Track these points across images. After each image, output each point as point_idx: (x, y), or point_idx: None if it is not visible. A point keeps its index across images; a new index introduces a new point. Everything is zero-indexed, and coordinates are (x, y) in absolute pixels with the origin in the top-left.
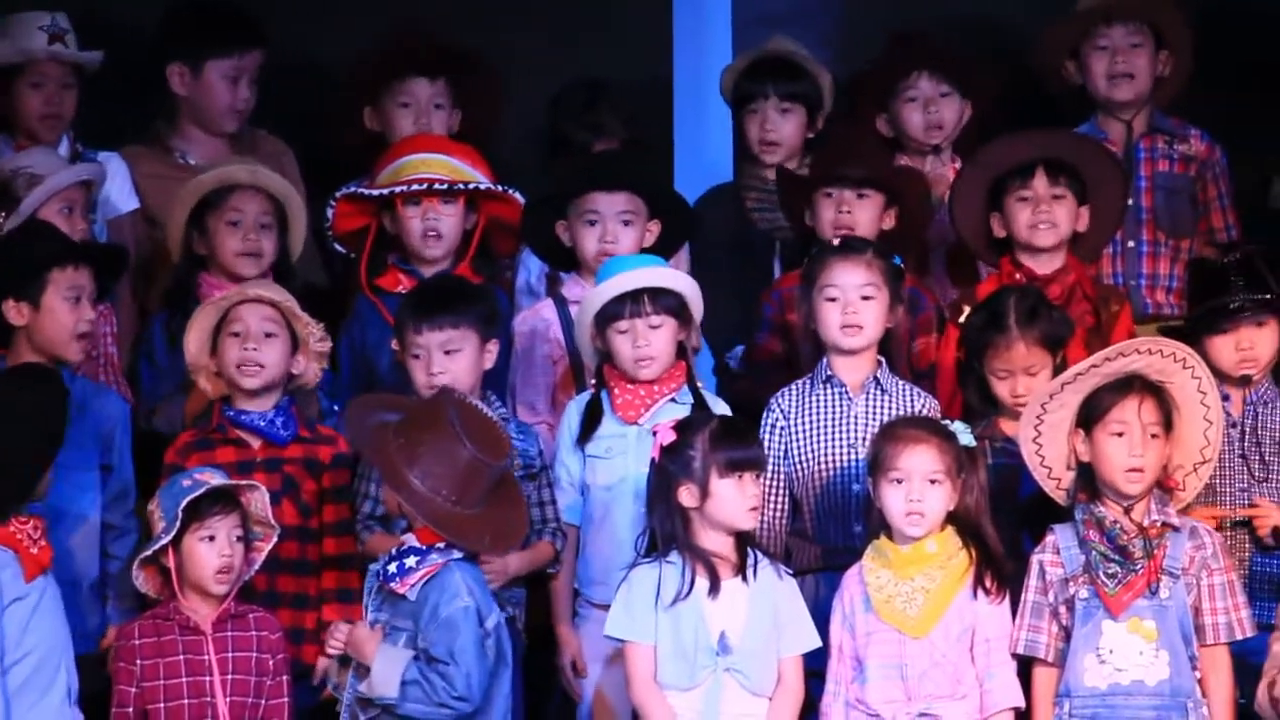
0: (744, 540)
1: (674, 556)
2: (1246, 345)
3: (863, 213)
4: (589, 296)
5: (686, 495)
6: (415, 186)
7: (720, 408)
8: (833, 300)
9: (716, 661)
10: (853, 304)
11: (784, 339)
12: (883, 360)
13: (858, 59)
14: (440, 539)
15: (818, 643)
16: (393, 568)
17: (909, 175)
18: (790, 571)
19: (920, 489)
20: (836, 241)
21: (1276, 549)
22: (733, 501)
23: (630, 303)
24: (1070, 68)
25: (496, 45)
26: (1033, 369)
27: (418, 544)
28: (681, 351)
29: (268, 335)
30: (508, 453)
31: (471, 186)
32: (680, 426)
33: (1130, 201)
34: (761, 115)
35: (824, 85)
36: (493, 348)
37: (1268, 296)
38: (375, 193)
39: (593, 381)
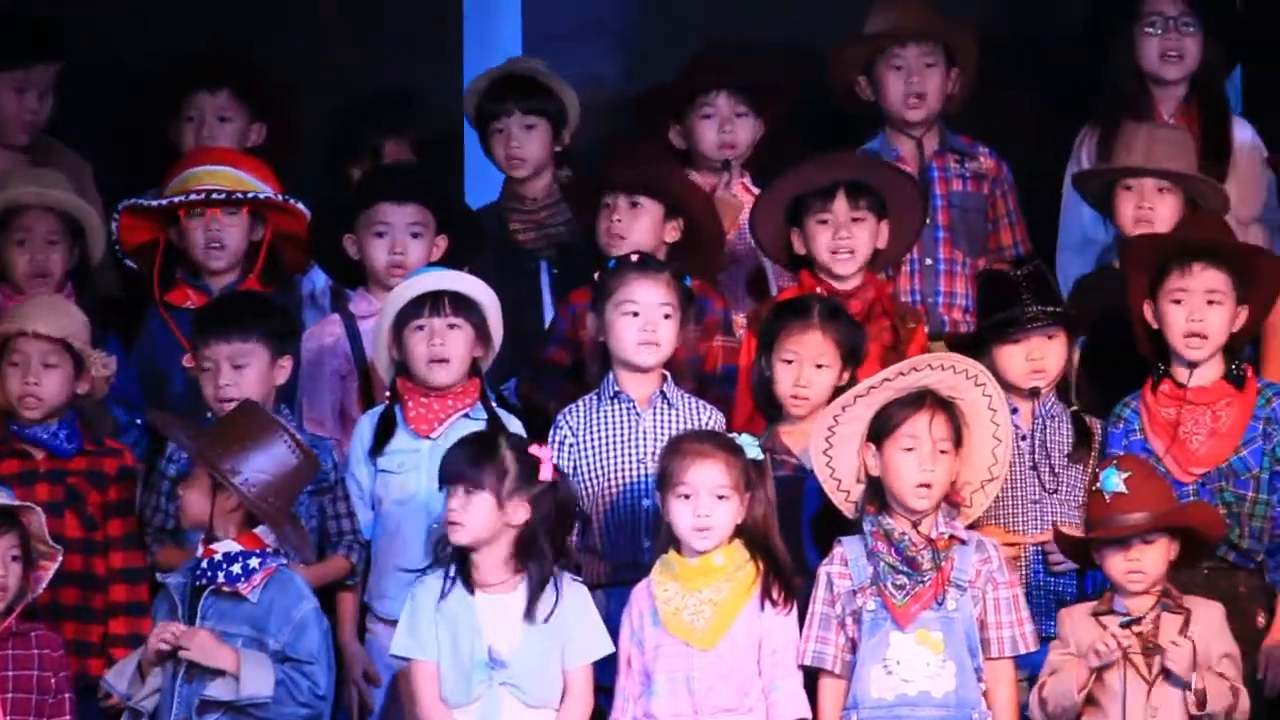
0: (525, 554)
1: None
2: (1037, 356)
3: (636, 221)
4: (390, 298)
5: None
6: (195, 197)
7: (514, 425)
8: (632, 315)
9: (491, 676)
10: (653, 321)
11: (573, 352)
12: (668, 375)
13: (649, 74)
14: (263, 544)
15: (609, 649)
16: (236, 569)
17: (682, 183)
18: (579, 580)
19: (708, 503)
20: (616, 252)
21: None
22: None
23: (430, 303)
24: (863, 83)
25: (292, 57)
26: (821, 362)
27: (241, 549)
28: (476, 368)
29: (48, 365)
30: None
31: (251, 196)
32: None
33: (927, 220)
34: (507, 133)
35: (568, 102)
36: (285, 363)
37: (1058, 309)
38: (155, 204)
39: (386, 394)
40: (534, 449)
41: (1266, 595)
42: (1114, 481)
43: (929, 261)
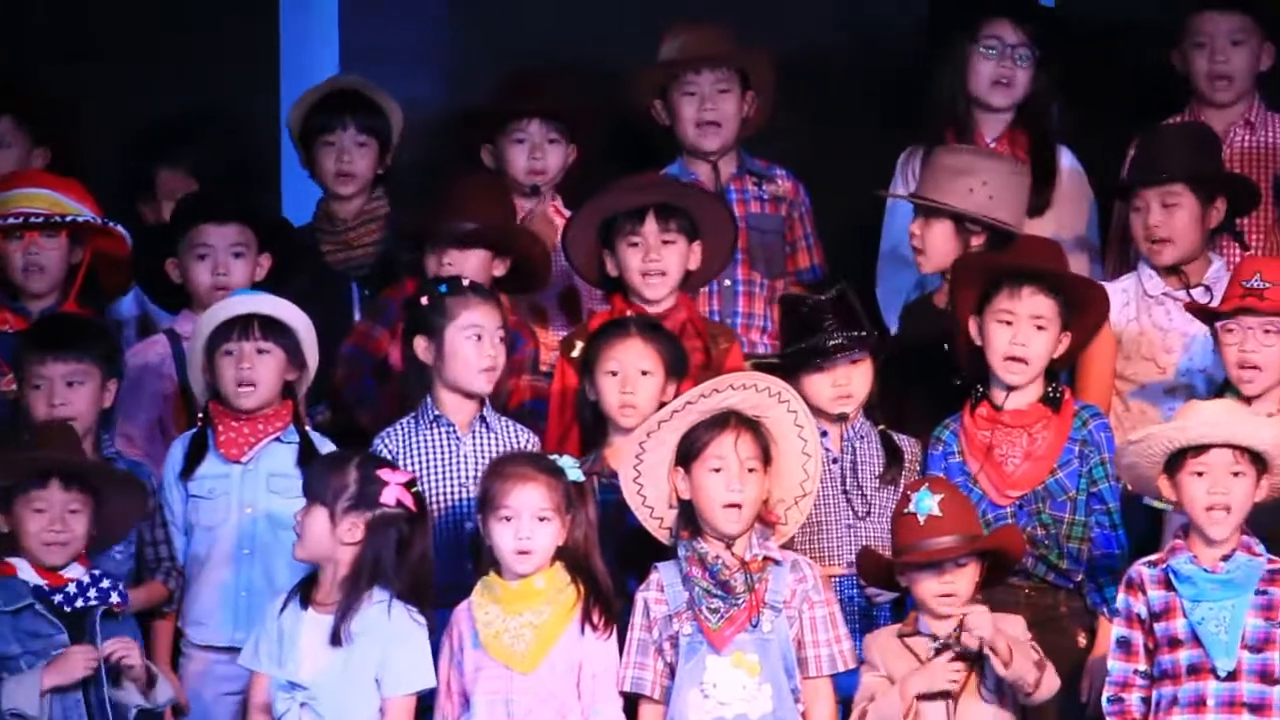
0: (360, 576)
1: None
2: (843, 382)
3: (468, 264)
4: (202, 321)
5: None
6: (13, 220)
7: (327, 446)
8: (476, 339)
9: (293, 695)
10: (495, 345)
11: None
12: (486, 399)
13: (465, 94)
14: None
15: (430, 683)
16: (105, 585)
17: (516, 232)
18: (419, 609)
19: (529, 526)
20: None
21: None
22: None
23: (240, 327)
24: (658, 108)
25: (103, 77)
26: (645, 368)
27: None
28: (290, 391)
29: None
30: None
31: (70, 220)
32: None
33: (738, 243)
34: (339, 148)
35: (395, 124)
36: (112, 386)
37: (863, 334)
38: None
39: (200, 416)
40: (384, 472)
41: (1087, 616)
42: (927, 504)
43: (727, 283)
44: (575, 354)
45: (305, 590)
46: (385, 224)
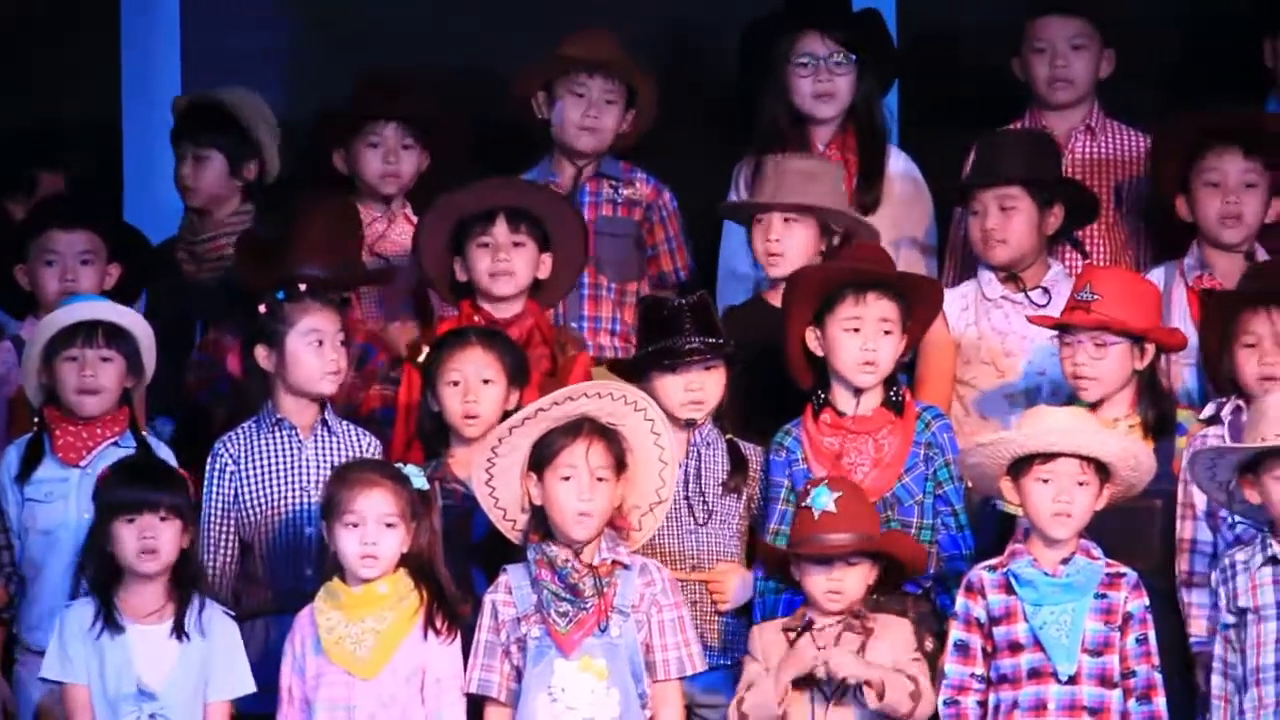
0: (181, 585)
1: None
2: (696, 387)
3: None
4: (42, 325)
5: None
6: None
7: (164, 452)
8: (318, 344)
9: (141, 706)
10: (336, 349)
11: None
12: (328, 403)
13: (310, 99)
14: None
15: (251, 688)
16: None
17: (366, 276)
18: (233, 614)
19: (375, 532)
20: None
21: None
22: (127, 544)
23: (84, 333)
24: (540, 100)
25: None
26: (487, 377)
27: None
28: (127, 397)
29: None
30: None
31: None
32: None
33: (589, 252)
34: (184, 160)
35: (261, 136)
36: None
37: (718, 340)
38: None
39: (36, 420)
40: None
41: (935, 619)
42: (824, 500)
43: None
44: (421, 360)
45: (110, 604)
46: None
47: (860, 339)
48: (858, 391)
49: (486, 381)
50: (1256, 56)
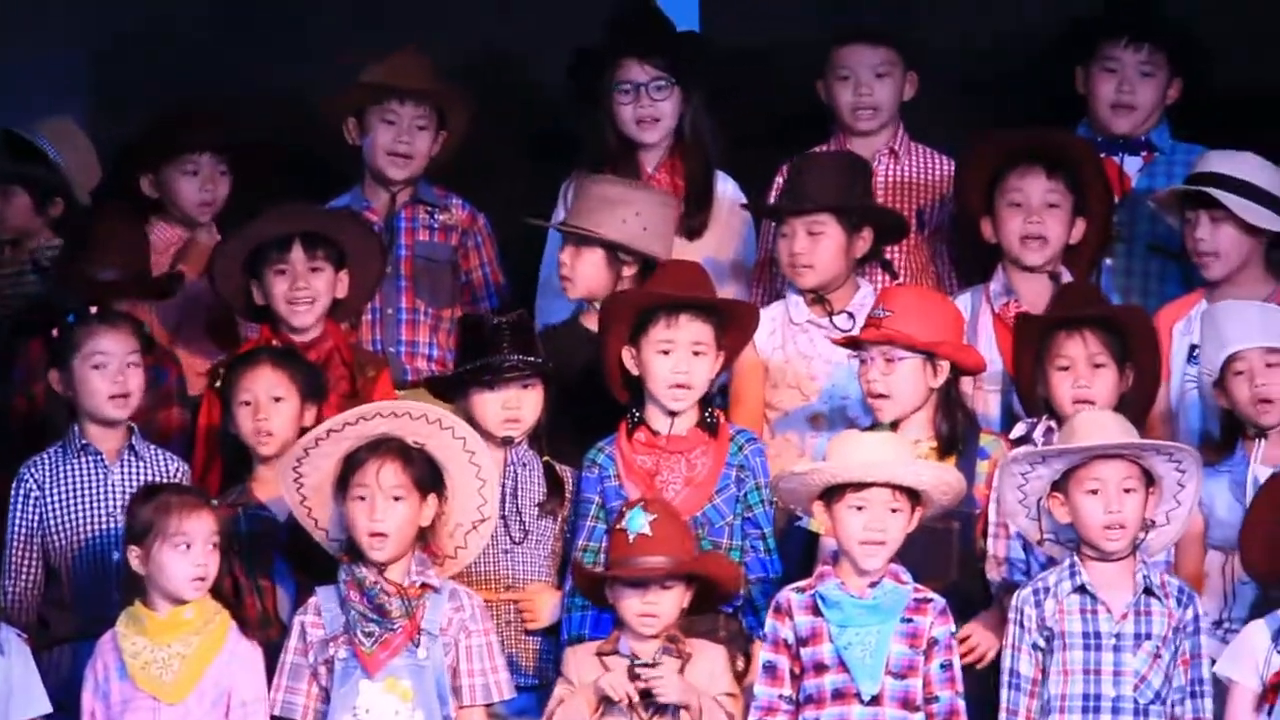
0: None
1: None
2: (513, 405)
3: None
4: None
5: None
6: None
7: None
8: (102, 368)
9: None
10: (122, 372)
11: (30, 403)
12: (134, 427)
13: (111, 123)
14: None
15: (47, 708)
16: None
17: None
18: (24, 635)
19: (204, 554)
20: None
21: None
22: None
23: None
24: (351, 126)
25: None
26: (277, 395)
27: None
28: None
29: None
30: None
31: None
32: None
33: (390, 270)
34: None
35: (71, 170)
36: None
37: (536, 359)
38: None
39: None
40: None
41: (745, 640)
42: (639, 522)
43: (390, 310)
44: (219, 384)
45: None
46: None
47: (672, 361)
48: (672, 412)
49: (278, 399)
50: (1069, 84)
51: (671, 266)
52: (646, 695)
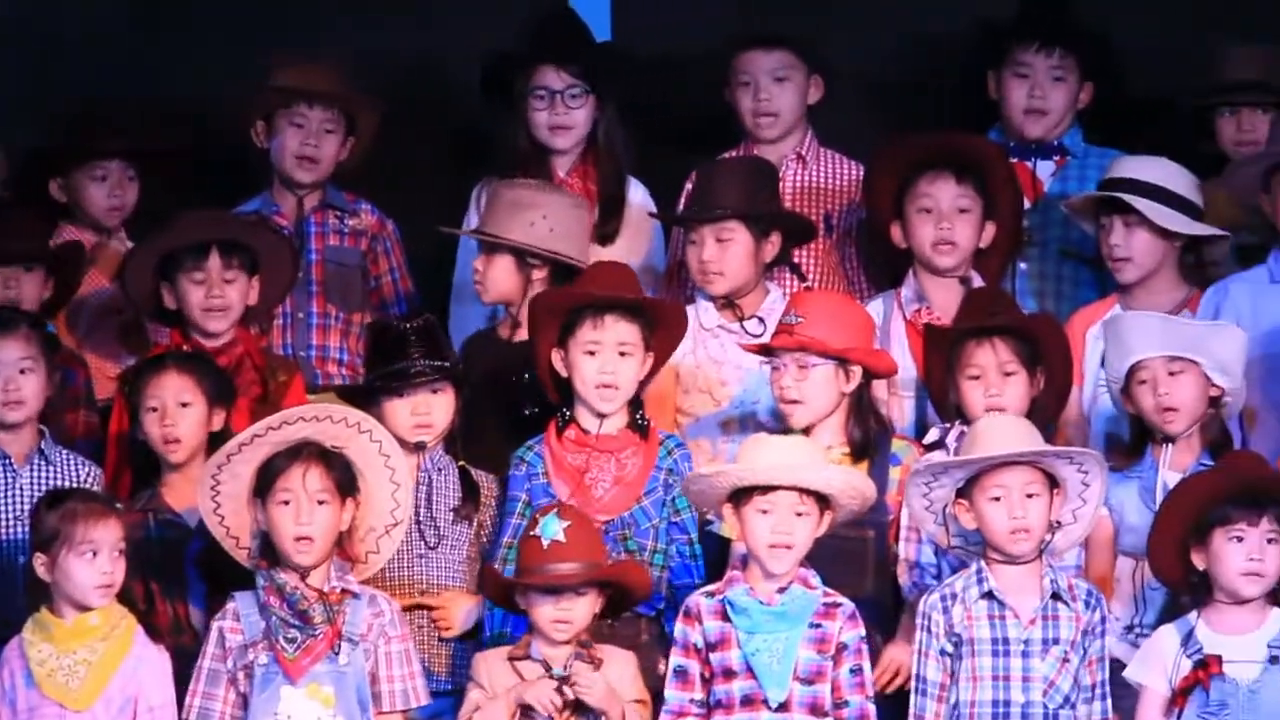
0: None
1: None
2: (423, 411)
3: (27, 288)
4: None
5: None
6: None
7: None
8: None
9: None
10: (14, 379)
11: None
12: (45, 431)
13: (15, 127)
14: None
15: None
16: None
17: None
18: None
19: (110, 561)
20: None
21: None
22: None
23: None
24: (259, 129)
25: None
26: (184, 400)
27: None
28: None
29: None
30: None
31: None
32: None
33: (300, 274)
34: None
35: None
36: None
37: (445, 364)
38: None
39: None
40: None
41: (666, 644)
42: (553, 529)
43: (301, 315)
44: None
45: None
46: None
47: (598, 362)
48: (600, 413)
49: (185, 405)
50: (981, 88)
51: (599, 267)
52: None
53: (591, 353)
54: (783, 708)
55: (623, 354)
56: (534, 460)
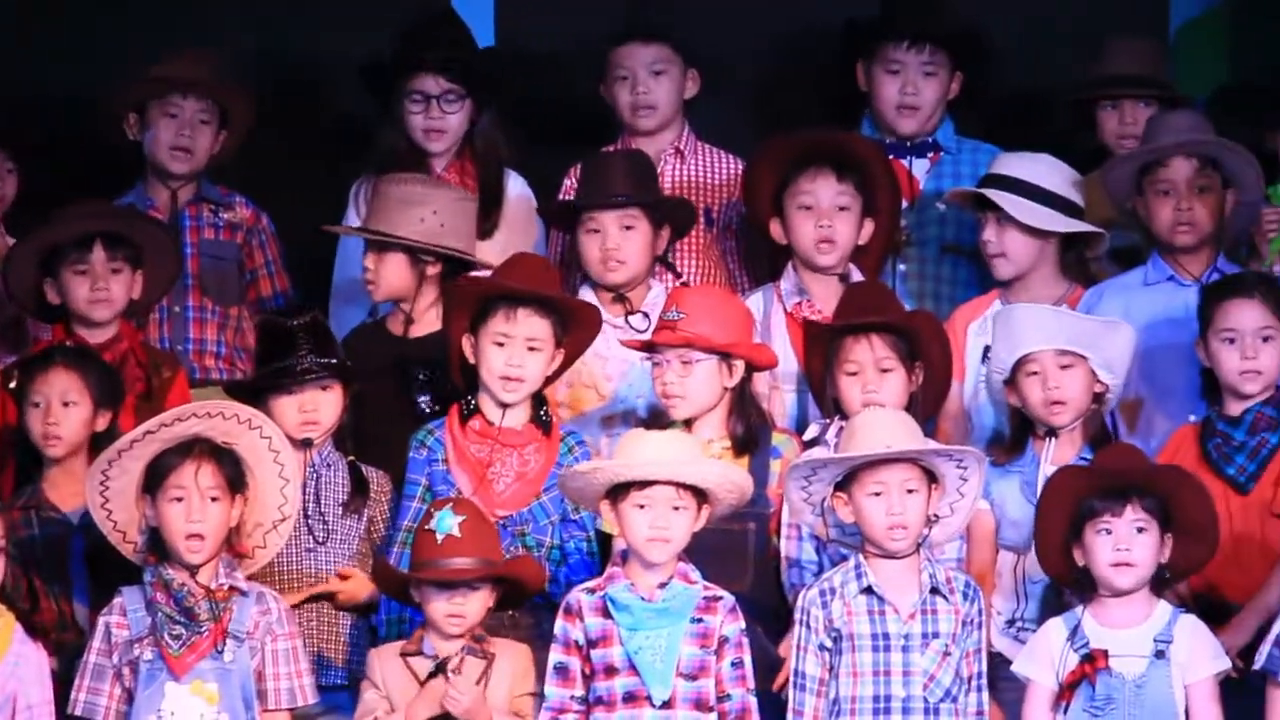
0: None
1: None
2: (310, 408)
3: None
4: None
5: None
6: None
7: None
8: None
9: None
10: None
11: None
12: None
13: None
14: None
15: None
16: None
17: None
18: None
19: None
20: None
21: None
22: None
23: None
24: (132, 121)
25: None
26: (68, 399)
27: None
28: None
29: None
30: None
31: None
32: None
33: (181, 269)
34: None
35: None
36: None
37: (334, 361)
38: None
39: None
40: None
41: None
42: (448, 523)
43: (178, 309)
44: (13, 385)
45: None
46: None
47: (506, 354)
48: (504, 403)
49: (69, 404)
50: (851, 81)
51: (518, 260)
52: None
53: (501, 344)
54: (666, 705)
55: (532, 349)
56: (435, 446)
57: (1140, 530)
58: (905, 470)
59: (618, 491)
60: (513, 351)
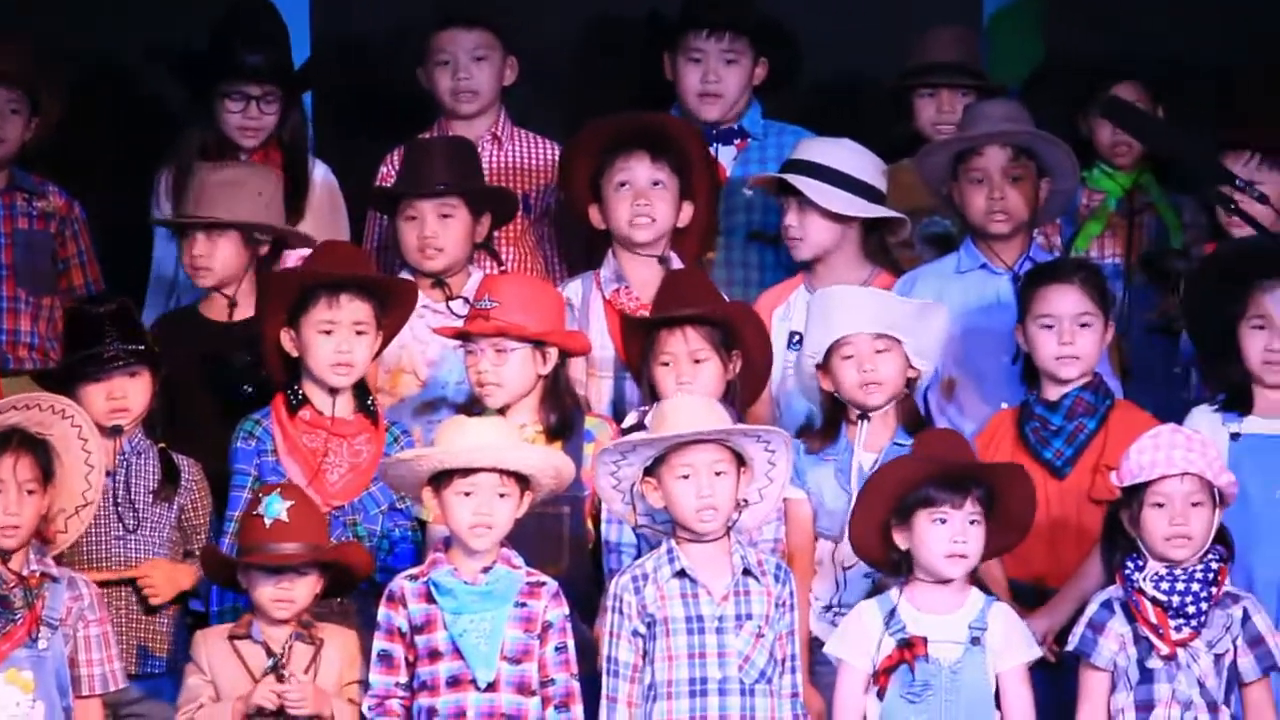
0: None
1: None
2: (119, 395)
3: None
4: None
5: None
6: None
7: None
8: None
9: None
10: None
11: None
12: None
13: None
14: None
15: None
16: None
17: None
18: None
19: None
20: None
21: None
22: None
23: None
24: None
25: None
26: None
27: None
28: None
29: None
30: None
31: None
32: None
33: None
34: None
35: None
36: None
37: (140, 347)
38: None
39: None
40: None
41: None
42: (276, 508)
43: None
44: None
45: None
46: None
47: (335, 341)
48: (332, 391)
49: None
50: (659, 71)
51: (329, 246)
52: (282, 713)
53: (328, 331)
54: (491, 687)
55: (359, 333)
56: (264, 436)
57: (973, 523)
58: (713, 452)
59: (440, 479)
60: (341, 338)
